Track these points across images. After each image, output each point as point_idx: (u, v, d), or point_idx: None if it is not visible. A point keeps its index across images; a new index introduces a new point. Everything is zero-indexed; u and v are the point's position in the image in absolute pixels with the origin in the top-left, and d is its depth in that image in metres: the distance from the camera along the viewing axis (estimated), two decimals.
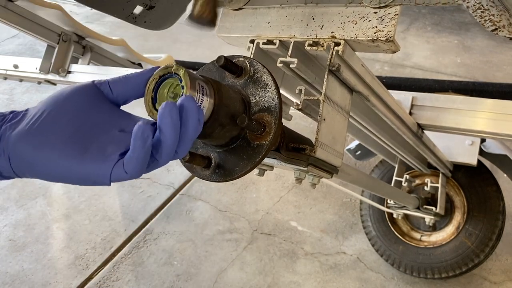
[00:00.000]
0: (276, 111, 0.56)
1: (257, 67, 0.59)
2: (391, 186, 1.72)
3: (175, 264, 2.19)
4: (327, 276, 2.05)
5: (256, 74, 0.59)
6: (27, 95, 3.53)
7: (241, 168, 0.57)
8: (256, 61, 0.59)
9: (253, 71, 0.59)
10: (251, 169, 0.57)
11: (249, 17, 0.76)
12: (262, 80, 0.58)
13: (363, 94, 0.77)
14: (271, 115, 0.57)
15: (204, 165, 0.58)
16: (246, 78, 0.59)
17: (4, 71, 2.00)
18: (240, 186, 2.55)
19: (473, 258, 1.77)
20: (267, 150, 0.56)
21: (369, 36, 0.64)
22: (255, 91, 0.58)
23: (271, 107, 0.57)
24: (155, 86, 0.52)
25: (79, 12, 4.67)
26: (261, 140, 0.56)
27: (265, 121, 0.57)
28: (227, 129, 0.55)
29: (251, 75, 0.59)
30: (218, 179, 0.59)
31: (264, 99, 0.58)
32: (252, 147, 0.57)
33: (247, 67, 0.59)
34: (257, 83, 0.59)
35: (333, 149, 0.68)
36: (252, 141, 0.57)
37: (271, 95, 0.57)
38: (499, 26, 0.56)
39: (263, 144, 0.56)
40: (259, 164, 0.58)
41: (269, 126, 0.56)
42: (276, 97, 0.57)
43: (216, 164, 0.59)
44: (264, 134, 0.56)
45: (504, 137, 1.12)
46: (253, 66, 0.59)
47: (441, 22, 3.79)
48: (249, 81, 0.59)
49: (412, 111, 1.24)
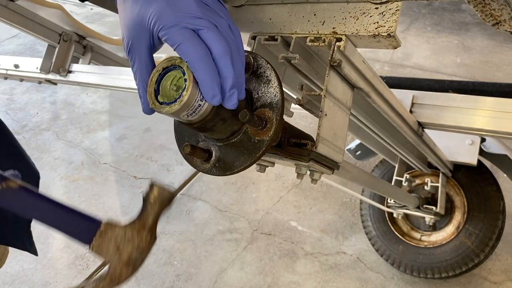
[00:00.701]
0: (278, 107, 0.56)
1: (261, 62, 0.59)
2: (392, 185, 1.72)
3: (175, 264, 2.19)
4: (327, 276, 2.05)
5: (260, 69, 0.59)
6: (27, 95, 3.53)
7: (241, 163, 0.57)
8: (260, 56, 0.59)
9: (257, 66, 0.59)
10: (250, 164, 0.57)
11: (250, 14, 0.76)
12: (265, 76, 0.58)
13: (364, 91, 0.78)
14: (273, 111, 0.57)
15: (204, 158, 0.59)
16: (250, 73, 0.59)
17: (5, 71, 2.00)
18: (240, 186, 2.55)
19: (473, 258, 1.77)
20: (268, 146, 0.56)
21: (371, 31, 0.64)
22: (258, 86, 0.59)
23: (273, 103, 0.57)
24: (158, 78, 0.52)
25: (79, 12, 4.67)
26: (262, 136, 0.56)
27: (266, 116, 0.57)
28: (229, 123, 0.55)
29: (254, 70, 0.59)
30: (218, 173, 0.59)
31: (267, 94, 0.58)
32: (252, 142, 0.57)
33: (250, 62, 0.59)
34: (260, 78, 0.59)
35: (334, 145, 0.68)
36: (253, 136, 0.57)
37: (274, 91, 0.57)
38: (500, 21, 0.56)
39: (264, 139, 0.56)
40: (259, 159, 0.58)
41: (271, 122, 0.56)
42: (278, 93, 0.57)
43: (216, 158, 0.59)
44: (265, 129, 0.56)
45: (504, 135, 1.12)
46: (257, 61, 0.59)
47: (441, 22, 3.80)
48: (252, 76, 0.59)
49: (412, 109, 1.24)
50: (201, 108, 0.51)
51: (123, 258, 0.66)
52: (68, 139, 3.07)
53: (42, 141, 3.06)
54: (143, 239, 0.68)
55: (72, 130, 3.15)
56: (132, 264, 0.67)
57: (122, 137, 3.02)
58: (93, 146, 2.98)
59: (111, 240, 0.66)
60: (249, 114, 0.53)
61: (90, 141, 3.03)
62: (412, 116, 1.21)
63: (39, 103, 3.45)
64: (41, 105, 3.43)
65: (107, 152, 2.92)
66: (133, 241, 0.67)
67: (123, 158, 2.85)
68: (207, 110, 0.51)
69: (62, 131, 3.15)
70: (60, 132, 3.14)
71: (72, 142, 3.04)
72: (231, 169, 0.58)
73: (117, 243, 0.66)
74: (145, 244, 0.68)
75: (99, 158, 2.88)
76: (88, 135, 3.09)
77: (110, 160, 2.85)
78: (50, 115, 3.32)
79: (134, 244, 0.67)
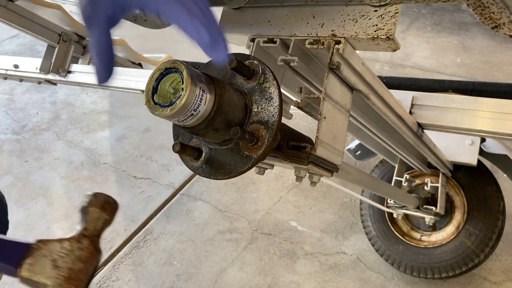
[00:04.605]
0: (273, 128, 0.56)
1: (268, 76, 0.58)
2: (391, 186, 1.72)
3: (175, 264, 2.19)
4: (327, 276, 2.05)
5: (265, 83, 0.58)
6: (27, 95, 3.53)
7: (225, 172, 0.58)
8: (268, 69, 0.59)
9: (263, 79, 0.59)
10: (233, 177, 0.58)
11: (250, 16, 0.76)
12: (269, 92, 0.58)
13: (363, 93, 0.78)
14: (267, 130, 0.57)
15: (194, 156, 0.59)
16: (255, 84, 0.59)
17: (4, 71, 2.00)
18: (240, 186, 2.55)
19: (473, 258, 1.77)
20: (254, 164, 0.57)
21: (370, 34, 0.64)
22: (260, 100, 0.58)
23: (269, 123, 0.57)
24: (159, 76, 0.52)
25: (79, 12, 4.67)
26: (251, 152, 0.57)
27: (260, 134, 0.57)
28: (221, 133, 0.55)
29: (260, 82, 0.59)
30: (203, 174, 0.60)
31: (265, 112, 0.57)
32: (241, 156, 0.57)
33: (258, 72, 0.59)
34: (263, 93, 0.58)
35: (333, 148, 0.68)
36: (243, 149, 0.57)
37: (273, 110, 0.57)
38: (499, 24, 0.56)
39: (252, 156, 0.56)
40: (243, 174, 0.58)
41: (262, 141, 0.56)
42: (277, 113, 0.57)
43: (205, 159, 0.60)
44: (256, 147, 0.56)
45: (504, 136, 1.12)
46: (265, 73, 0.59)
47: (441, 22, 3.80)
48: (257, 87, 0.59)
49: (412, 110, 1.24)
50: (194, 117, 0.51)
51: (63, 273, 0.58)
52: (68, 139, 3.07)
53: (42, 141, 3.06)
54: (85, 248, 0.61)
55: (72, 130, 3.15)
56: (76, 278, 0.59)
57: (122, 137, 3.02)
58: (93, 146, 2.98)
59: (46, 256, 0.58)
60: (241, 132, 0.53)
61: (90, 141, 3.03)
62: (412, 117, 1.21)
63: (39, 103, 3.45)
64: (41, 105, 3.43)
65: (107, 152, 2.93)
66: (72, 253, 0.60)
67: (123, 158, 2.85)
68: (200, 118, 0.52)
69: (62, 131, 3.15)
70: (60, 132, 3.14)
71: (72, 142, 3.04)
72: (215, 175, 0.59)
73: (54, 258, 0.58)
74: (87, 254, 0.61)
75: (99, 158, 2.88)
76: (88, 135, 3.09)
77: (110, 160, 2.85)
78: (50, 115, 3.32)
79: (74, 255, 0.60)
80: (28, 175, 2.81)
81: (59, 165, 2.86)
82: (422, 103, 1.24)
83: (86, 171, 2.79)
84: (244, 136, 0.54)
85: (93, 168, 2.81)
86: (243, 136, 0.54)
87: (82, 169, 2.81)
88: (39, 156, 2.93)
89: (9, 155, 2.97)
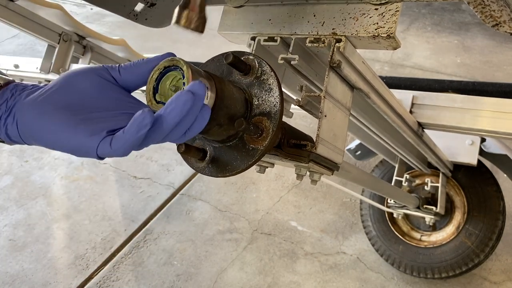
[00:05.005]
0: (276, 118, 0.56)
1: (265, 69, 0.59)
2: (392, 185, 1.72)
3: (175, 264, 2.19)
4: (327, 276, 2.05)
5: (263, 76, 0.59)
6: None
7: (233, 168, 0.58)
8: (265, 62, 0.59)
9: (261, 72, 0.59)
10: (242, 171, 0.58)
11: (250, 15, 0.76)
12: (267, 84, 0.58)
13: (363, 91, 0.78)
14: (271, 121, 0.57)
15: (199, 157, 0.59)
16: (253, 78, 0.59)
17: (5, 71, 2.00)
18: (240, 186, 2.55)
19: (473, 258, 1.77)
20: (261, 155, 0.56)
21: (370, 32, 0.64)
22: (259, 93, 0.58)
23: (271, 113, 0.57)
24: (158, 76, 0.52)
25: (79, 12, 4.67)
26: (256, 144, 0.56)
27: (263, 125, 0.57)
28: (225, 128, 0.55)
29: (258, 75, 0.59)
30: (210, 174, 0.60)
31: (266, 103, 0.58)
32: (247, 149, 0.57)
33: (255, 66, 0.59)
34: (262, 86, 0.58)
35: (334, 146, 0.68)
36: (248, 142, 0.57)
37: (274, 100, 0.57)
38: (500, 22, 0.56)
39: (258, 148, 0.56)
40: (251, 167, 0.58)
41: (267, 132, 0.56)
42: (278, 103, 0.57)
43: (210, 158, 0.60)
44: (261, 138, 0.56)
45: (504, 136, 1.12)
46: (262, 67, 0.59)
47: (441, 22, 3.80)
48: (255, 81, 0.59)
49: (412, 109, 1.24)
50: None
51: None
52: None
53: None
54: None
55: None
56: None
57: None
58: None
59: None
60: (245, 123, 0.53)
61: None
62: (412, 116, 1.21)
63: None
64: None
65: None
66: None
67: (123, 158, 2.85)
68: None
69: None
70: None
71: None
72: (222, 172, 0.58)
73: None
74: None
75: None
76: None
77: (110, 160, 2.85)
78: None
79: None
80: (28, 175, 2.81)
81: (59, 165, 2.86)
82: (423, 102, 1.24)
83: (86, 171, 2.79)
84: (249, 127, 0.54)
85: (93, 168, 2.81)
86: (248, 127, 0.53)
87: (82, 169, 2.81)
88: (39, 156, 2.93)
89: (9, 155, 2.97)
